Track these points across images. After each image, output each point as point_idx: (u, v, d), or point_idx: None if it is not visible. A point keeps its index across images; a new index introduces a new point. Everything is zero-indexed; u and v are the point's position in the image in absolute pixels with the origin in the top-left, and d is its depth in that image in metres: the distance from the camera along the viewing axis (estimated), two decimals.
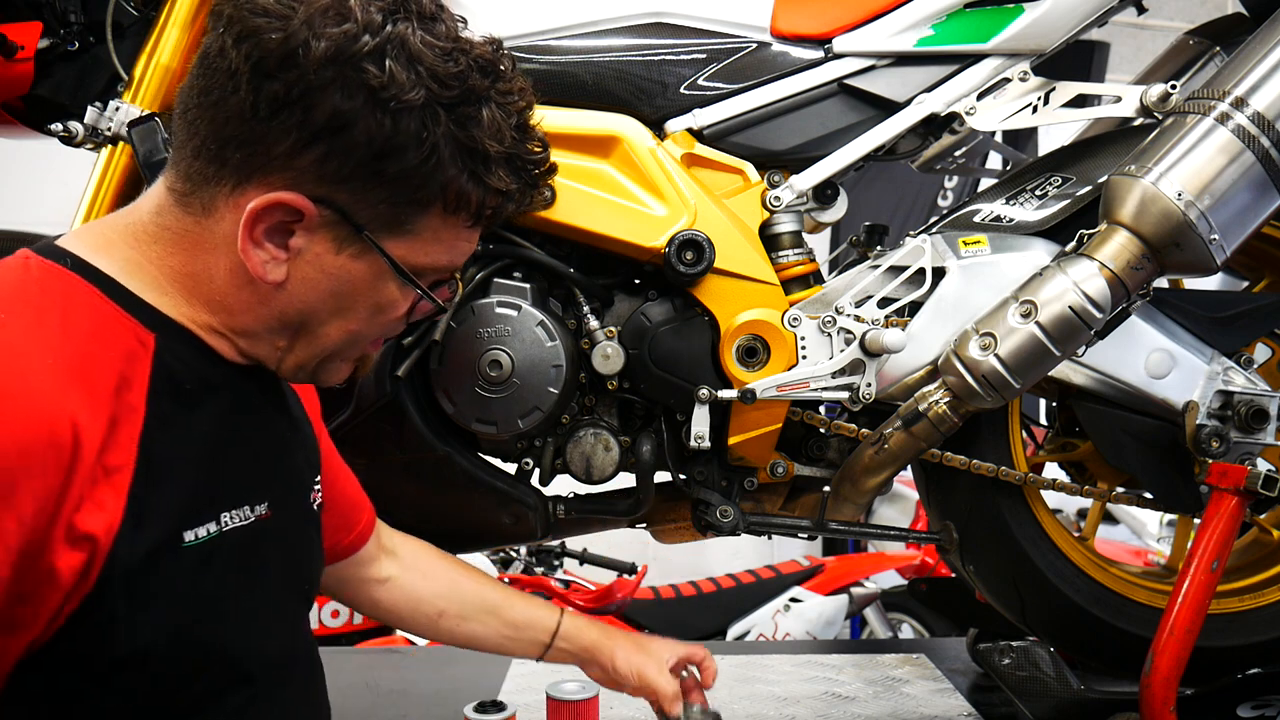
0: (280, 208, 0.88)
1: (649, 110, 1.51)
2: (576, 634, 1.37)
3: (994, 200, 1.59)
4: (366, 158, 0.88)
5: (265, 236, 0.90)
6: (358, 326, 0.97)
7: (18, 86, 1.46)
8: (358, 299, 0.95)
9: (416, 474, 1.50)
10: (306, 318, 0.95)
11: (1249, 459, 1.53)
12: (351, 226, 0.91)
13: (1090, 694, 1.73)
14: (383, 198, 0.90)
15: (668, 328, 1.49)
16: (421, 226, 0.93)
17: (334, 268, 0.92)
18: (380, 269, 0.94)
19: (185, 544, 0.88)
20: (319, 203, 0.89)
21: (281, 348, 0.97)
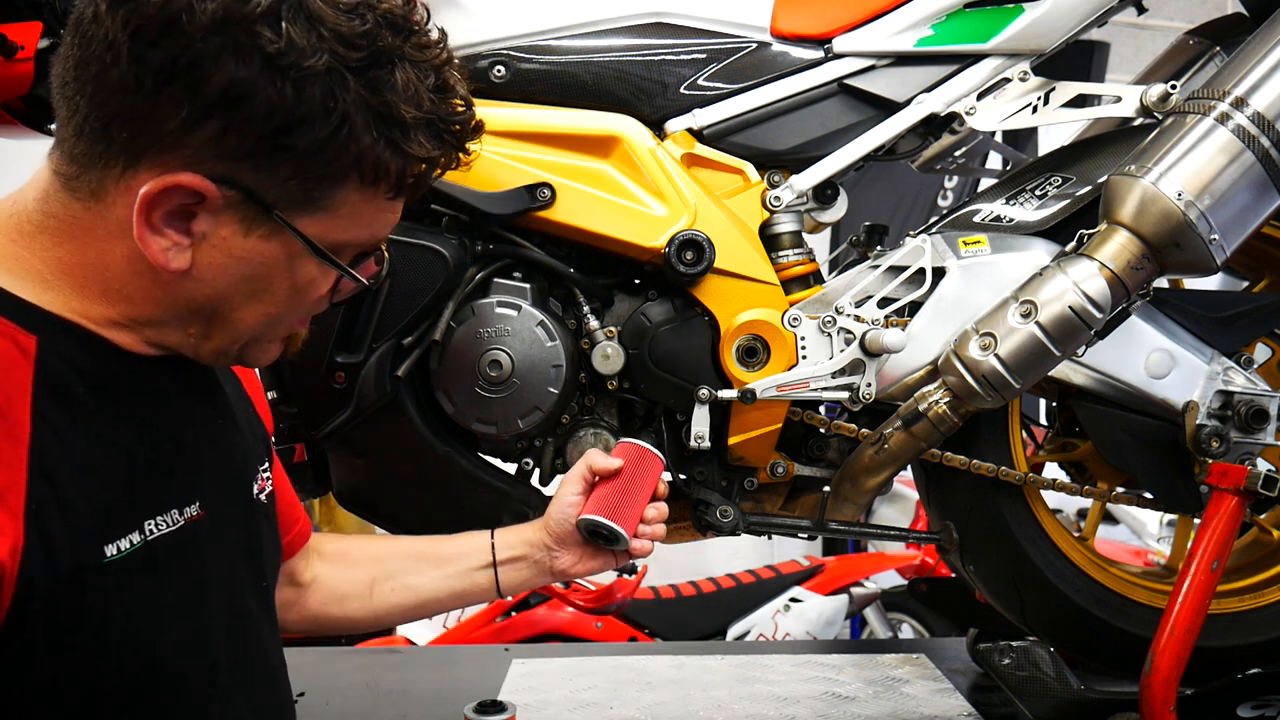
0: (177, 190, 0.80)
1: (649, 110, 1.51)
2: (516, 537, 1.29)
3: (994, 200, 1.59)
4: (269, 131, 0.79)
5: (164, 222, 0.81)
6: (276, 309, 0.89)
7: (18, 86, 1.46)
8: (273, 281, 0.87)
9: (416, 474, 1.50)
10: (218, 304, 0.87)
11: (1249, 459, 1.53)
12: (260, 206, 0.82)
13: (1090, 694, 1.73)
14: (291, 173, 0.82)
15: (668, 328, 1.49)
16: (337, 202, 0.85)
17: (243, 251, 0.84)
18: (294, 249, 0.85)
19: (107, 559, 0.81)
20: (221, 183, 0.80)
21: (194, 334, 0.89)
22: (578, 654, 2.21)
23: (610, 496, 1.26)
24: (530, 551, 1.29)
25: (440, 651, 2.69)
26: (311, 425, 1.46)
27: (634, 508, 1.26)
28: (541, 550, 1.29)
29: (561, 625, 3.37)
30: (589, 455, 1.29)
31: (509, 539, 1.30)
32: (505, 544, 1.29)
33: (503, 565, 1.28)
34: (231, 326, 0.89)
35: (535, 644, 3.17)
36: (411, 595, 1.26)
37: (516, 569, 1.29)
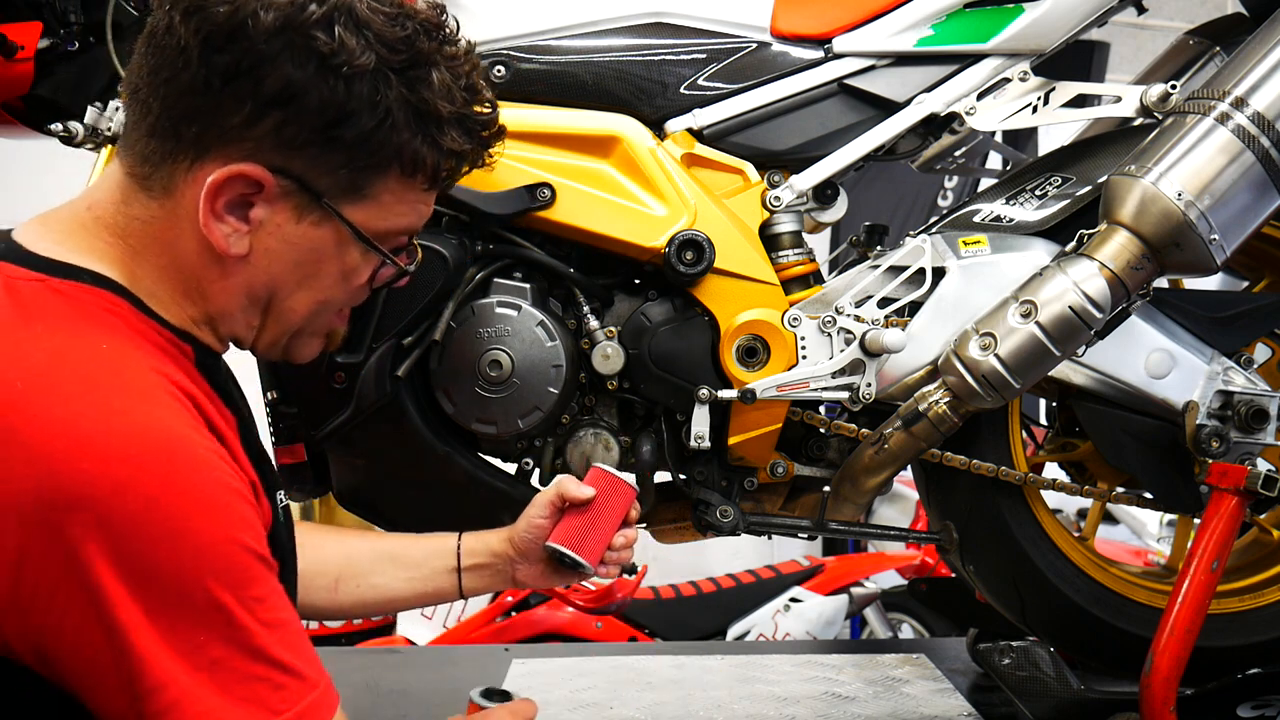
0: (239, 179, 0.89)
1: (649, 110, 1.51)
2: (481, 544, 1.33)
3: (994, 200, 1.59)
4: (321, 124, 0.89)
5: (226, 210, 0.90)
6: (325, 295, 0.98)
7: (18, 86, 1.46)
8: (322, 267, 0.96)
9: (416, 474, 1.50)
10: (274, 290, 0.96)
11: (1249, 459, 1.53)
12: (310, 194, 0.92)
13: (1090, 694, 1.73)
14: (339, 164, 0.91)
15: (668, 328, 1.49)
16: (379, 191, 0.94)
17: (296, 237, 0.93)
18: (342, 236, 0.95)
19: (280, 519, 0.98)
20: (277, 173, 0.90)
21: (255, 326, 0.98)
22: (578, 654, 2.22)
23: (578, 526, 1.28)
24: (494, 560, 1.33)
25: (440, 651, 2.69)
26: (311, 425, 1.46)
27: (601, 538, 1.28)
28: (505, 560, 1.33)
29: (561, 625, 3.37)
30: (562, 482, 1.30)
31: (475, 545, 1.33)
32: (470, 550, 1.33)
33: (467, 570, 1.33)
34: (285, 314, 0.98)
35: (535, 644, 3.18)
36: (375, 593, 1.32)
37: (480, 575, 1.34)
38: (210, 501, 0.81)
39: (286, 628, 0.85)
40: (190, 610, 0.79)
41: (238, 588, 0.81)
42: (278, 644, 0.83)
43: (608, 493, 1.29)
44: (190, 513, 0.80)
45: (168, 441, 0.81)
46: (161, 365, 0.87)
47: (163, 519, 0.78)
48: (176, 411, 0.84)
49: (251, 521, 0.85)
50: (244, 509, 0.84)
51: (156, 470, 0.79)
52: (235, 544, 0.82)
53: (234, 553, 0.82)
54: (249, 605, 0.82)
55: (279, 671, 0.83)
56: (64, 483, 0.76)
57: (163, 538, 0.78)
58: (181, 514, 0.79)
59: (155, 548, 0.78)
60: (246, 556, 0.83)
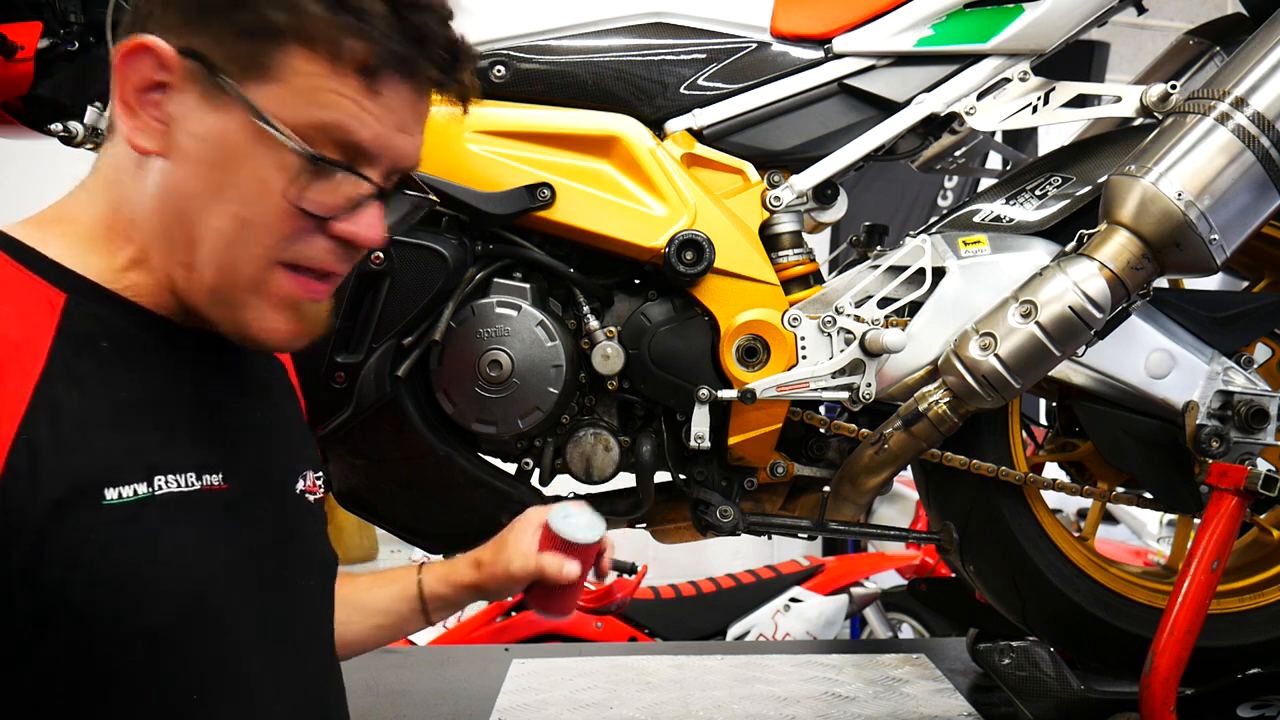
0: (143, 55, 0.83)
1: (649, 110, 1.51)
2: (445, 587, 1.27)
3: (994, 200, 1.59)
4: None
5: (138, 101, 0.84)
6: (244, 209, 0.86)
7: (18, 86, 1.46)
8: (237, 168, 0.85)
9: (416, 474, 1.50)
10: (191, 204, 0.86)
11: (1249, 459, 1.53)
12: (209, 70, 0.83)
13: (1090, 694, 1.73)
14: (235, 29, 0.83)
15: (668, 328, 1.49)
16: (284, 69, 0.83)
17: (203, 129, 0.84)
18: (252, 126, 0.84)
19: (107, 500, 0.82)
20: (181, 53, 0.83)
21: (186, 264, 0.87)
22: (578, 654, 2.22)
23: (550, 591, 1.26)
24: (460, 597, 1.28)
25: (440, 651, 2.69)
26: (311, 425, 1.46)
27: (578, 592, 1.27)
28: (470, 594, 1.28)
29: (561, 625, 3.37)
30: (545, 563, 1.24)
31: (438, 588, 1.27)
32: (433, 594, 1.27)
33: (433, 609, 1.28)
34: (207, 240, 0.87)
35: (535, 644, 3.17)
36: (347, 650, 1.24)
37: (443, 608, 1.30)
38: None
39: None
40: None
41: None
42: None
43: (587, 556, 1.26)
44: None
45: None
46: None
47: None
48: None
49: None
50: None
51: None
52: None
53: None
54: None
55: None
56: None
57: None
58: None
59: None
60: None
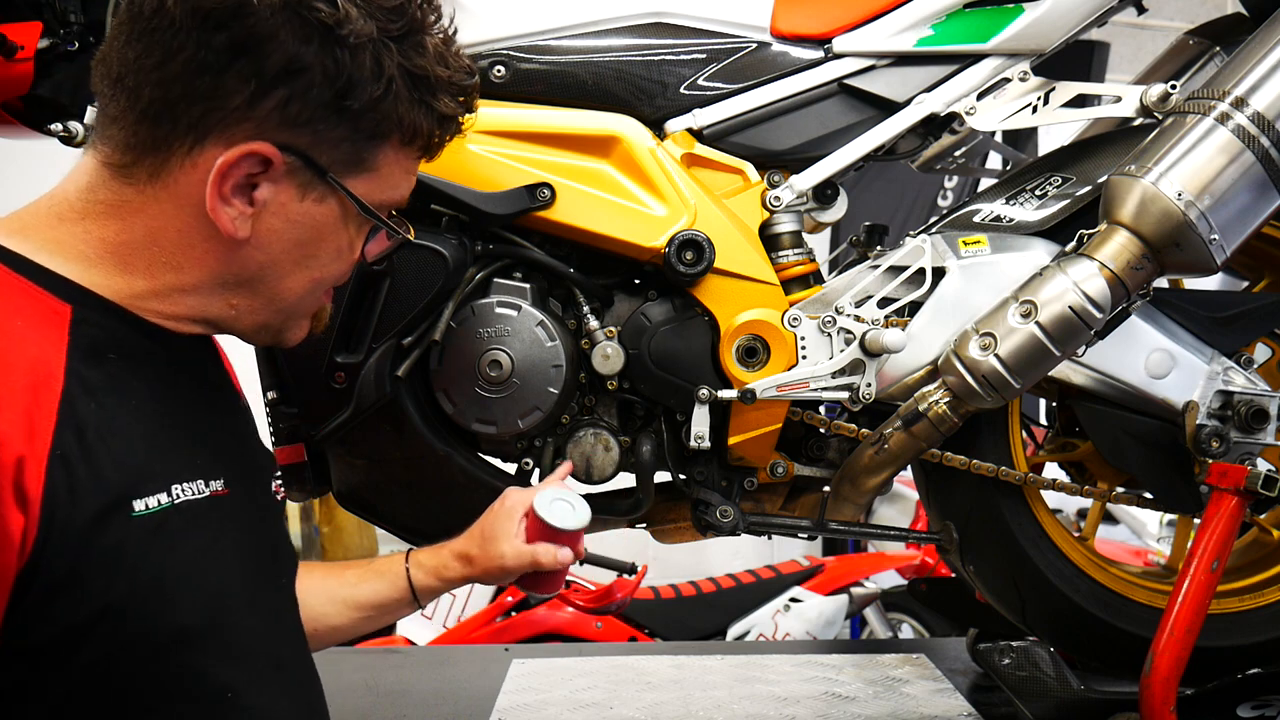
0: (250, 159, 0.87)
1: (649, 110, 1.51)
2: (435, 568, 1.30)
3: (994, 200, 1.59)
4: (326, 97, 0.88)
5: (233, 192, 0.88)
6: (321, 273, 0.96)
7: (18, 86, 1.46)
8: (322, 245, 0.94)
9: (416, 474, 1.50)
10: (268, 270, 0.93)
11: (1249, 459, 1.53)
12: (315, 170, 0.90)
13: (1090, 694, 1.73)
14: (344, 136, 0.90)
15: (668, 328, 1.49)
16: (380, 162, 0.94)
17: (298, 215, 0.91)
18: (345, 210, 0.94)
19: (135, 513, 0.84)
20: (283, 150, 0.88)
21: (237, 305, 0.94)
22: (578, 654, 2.22)
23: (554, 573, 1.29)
24: (443, 585, 1.31)
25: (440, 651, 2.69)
26: (311, 425, 1.46)
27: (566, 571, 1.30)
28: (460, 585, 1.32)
29: (561, 625, 3.37)
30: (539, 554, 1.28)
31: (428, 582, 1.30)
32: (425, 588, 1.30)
33: (423, 599, 1.31)
34: (279, 295, 0.95)
35: (535, 644, 3.18)
36: (334, 635, 1.28)
37: (432, 596, 1.33)
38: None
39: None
40: None
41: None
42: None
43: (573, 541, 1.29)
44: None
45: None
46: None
47: None
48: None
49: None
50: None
51: None
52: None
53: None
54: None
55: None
56: None
57: None
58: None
59: None
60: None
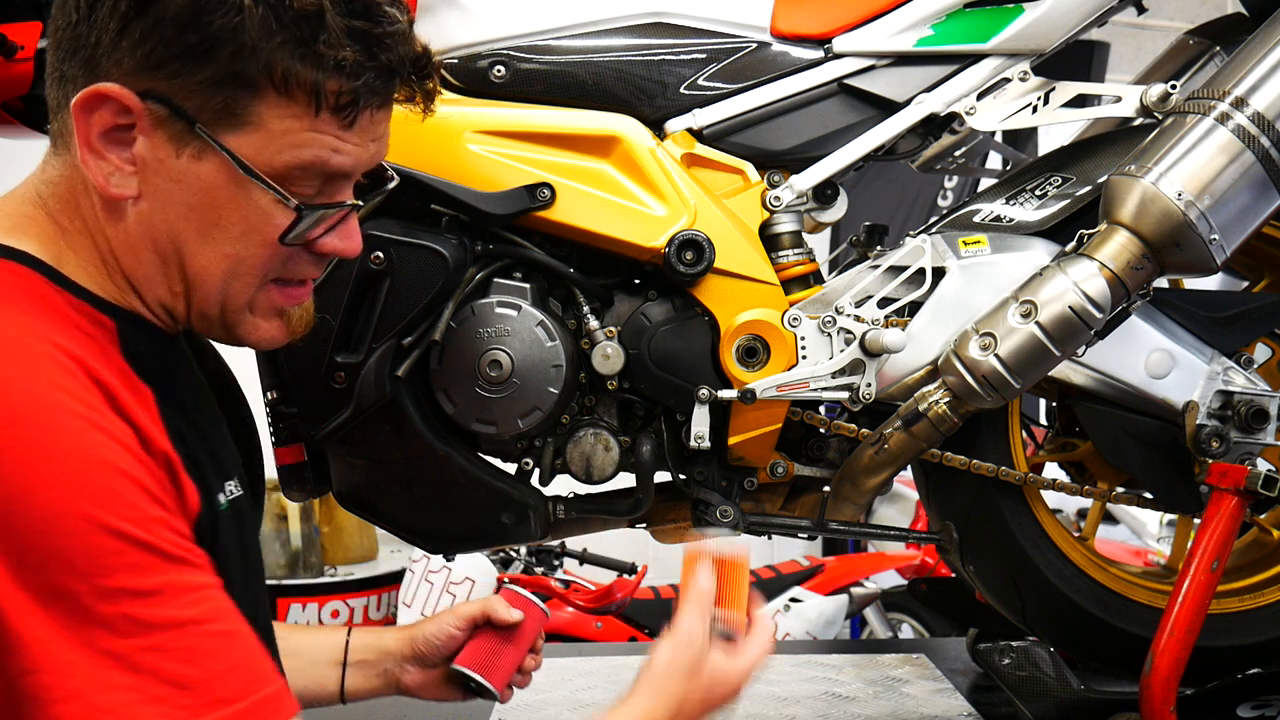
0: (103, 102, 0.82)
1: (649, 110, 1.51)
2: (374, 642, 1.27)
3: (994, 200, 1.59)
4: (174, 32, 0.80)
5: (104, 144, 0.83)
6: (233, 249, 0.87)
7: (18, 86, 1.46)
8: (220, 212, 0.86)
9: (416, 474, 1.49)
10: (177, 244, 0.87)
11: (1249, 459, 1.53)
12: (183, 120, 0.83)
13: (1090, 694, 1.73)
14: (204, 79, 0.82)
15: (668, 328, 1.48)
16: (260, 116, 0.84)
17: (180, 173, 0.84)
18: (232, 172, 0.84)
19: (220, 506, 0.88)
20: (144, 97, 0.82)
21: (179, 293, 0.89)
22: (578, 654, 2.21)
23: (489, 650, 1.27)
24: (383, 660, 1.28)
25: None
26: (311, 425, 1.46)
27: (511, 663, 1.27)
28: (395, 662, 1.28)
29: (561, 625, 3.37)
30: (491, 602, 1.28)
31: (365, 641, 1.28)
32: (360, 646, 1.27)
33: (352, 665, 1.27)
34: (200, 277, 0.88)
35: None
36: None
37: (364, 673, 1.28)
38: (57, 469, 0.73)
39: (182, 630, 0.75)
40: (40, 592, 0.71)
41: (91, 575, 0.72)
42: (153, 649, 0.73)
43: (525, 618, 1.28)
44: (37, 483, 0.72)
45: (26, 404, 0.74)
46: (56, 333, 0.79)
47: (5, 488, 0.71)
48: (51, 377, 0.76)
49: (124, 499, 0.75)
50: (113, 483, 0.75)
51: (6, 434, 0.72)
52: (85, 519, 0.73)
53: (82, 530, 0.72)
54: (108, 597, 0.72)
55: (155, 681, 0.73)
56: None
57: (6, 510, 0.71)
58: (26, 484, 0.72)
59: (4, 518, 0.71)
60: (103, 538, 0.73)
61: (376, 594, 4.34)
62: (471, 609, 1.29)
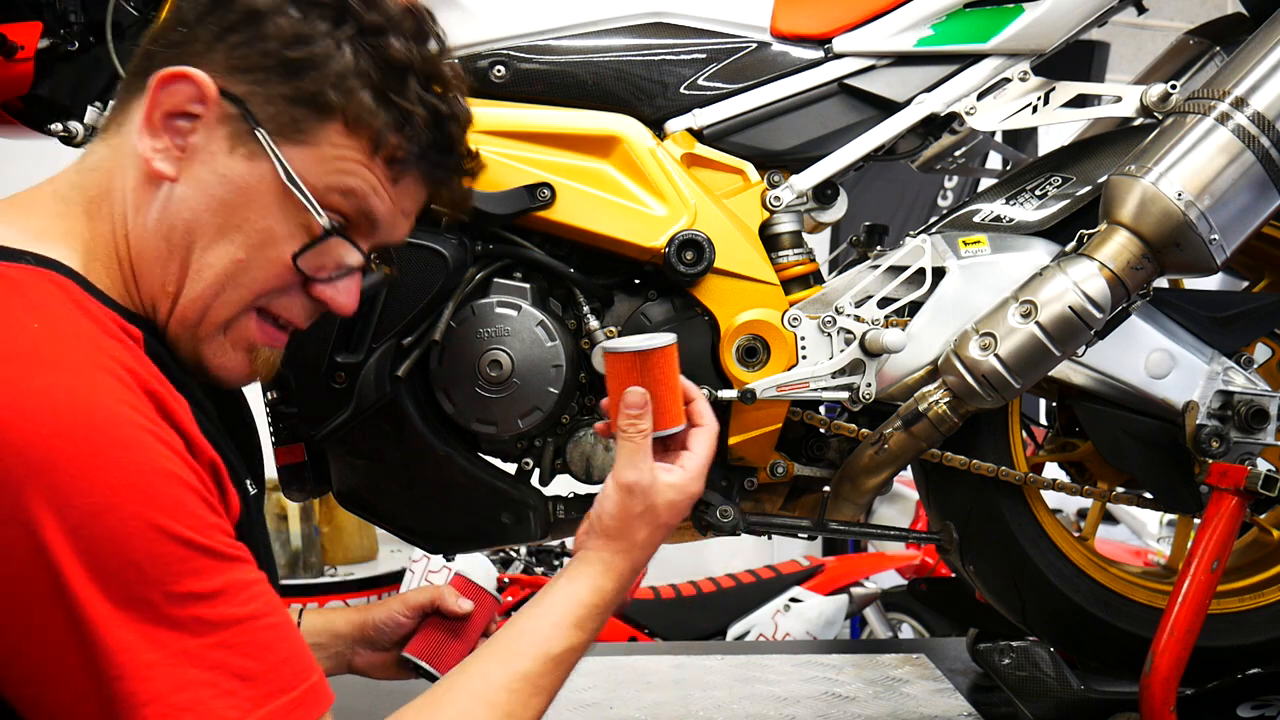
0: (184, 84, 0.87)
1: (649, 110, 1.51)
2: (322, 622, 1.30)
3: (994, 200, 1.59)
4: (271, 47, 0.88)
5: (164, 125, 0.88)
6: (244, 254, 0.90)
7: (18, 86, 1.46)
8: (247, 213, 0.90)
9: (416, 474, 1.49)
10: (193, 234, 0.89)
11: (1249, 459, 1.53)
12: (249, 122, 0.88)
13: (1090, 694, 1.73)
14: (283, 94, 0.88)
15: (668, 328, 1.48)
16: (320, 138, 0.90)
17: (225, 168, 0.89)
18: (273, 181, 0.89)
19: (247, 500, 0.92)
20: (222, 95, 0.88)
21: (171, 294, 0.91)
22: None
23: (438, 640, 1.27)
24: (333, 642, 1.31)
25: None
26: (311, 425, 1.46)
27: (459, 652, 1.28)
28: (346, 644, 1.31)
29: None
30: (441, 595, 1.29)
31: (315, 624, 1.30)
32: (309, 629, 1.29)
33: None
34: (199, 272, 0.90)
35: None
36: None
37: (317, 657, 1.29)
38: (129, 482, 0.76)
39: (244, 626, 0.79)
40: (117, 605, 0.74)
41: (163, 583, 0.76)
42: (220, 647, 0.77)
43: (476, 606, 1.29)
44: (115, 499, 0.75)
45: (95, 419, 0.76)
46: (102, 341, 0.82)
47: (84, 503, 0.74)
48: (112, 390, 0.78)
49: (186, 507, 0.78)
50: (176, 493, 0.78)
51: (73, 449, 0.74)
52: (156, 530, 0.76)
53: (154, 540, 0.76)
54: (178, 601, 0.76)
55: (226, 676, 0.77)
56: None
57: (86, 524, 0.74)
58: (106, 500, 0.75)
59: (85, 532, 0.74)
60: (172, 546, 0.76)
61: (376, 594, 4.34)
62: (420, 597, 1.31)
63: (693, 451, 1.10)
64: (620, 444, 1.08)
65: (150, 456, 0.78)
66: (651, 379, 1.09)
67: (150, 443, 0.78)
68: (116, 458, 0.76)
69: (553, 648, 1.00)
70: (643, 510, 1.06)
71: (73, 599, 0.74)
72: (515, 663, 0.98)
